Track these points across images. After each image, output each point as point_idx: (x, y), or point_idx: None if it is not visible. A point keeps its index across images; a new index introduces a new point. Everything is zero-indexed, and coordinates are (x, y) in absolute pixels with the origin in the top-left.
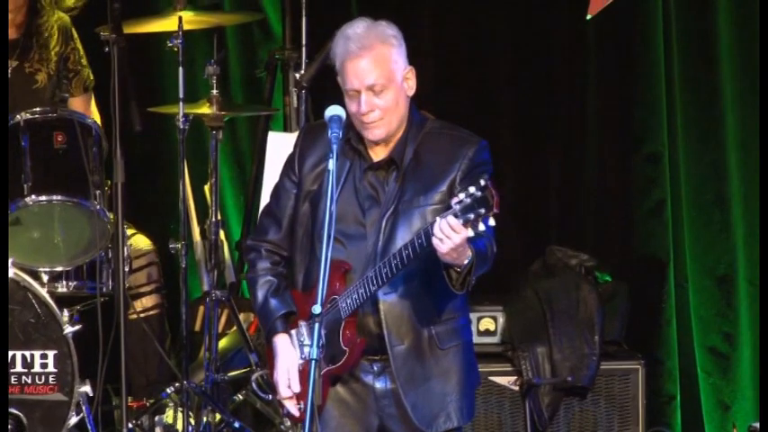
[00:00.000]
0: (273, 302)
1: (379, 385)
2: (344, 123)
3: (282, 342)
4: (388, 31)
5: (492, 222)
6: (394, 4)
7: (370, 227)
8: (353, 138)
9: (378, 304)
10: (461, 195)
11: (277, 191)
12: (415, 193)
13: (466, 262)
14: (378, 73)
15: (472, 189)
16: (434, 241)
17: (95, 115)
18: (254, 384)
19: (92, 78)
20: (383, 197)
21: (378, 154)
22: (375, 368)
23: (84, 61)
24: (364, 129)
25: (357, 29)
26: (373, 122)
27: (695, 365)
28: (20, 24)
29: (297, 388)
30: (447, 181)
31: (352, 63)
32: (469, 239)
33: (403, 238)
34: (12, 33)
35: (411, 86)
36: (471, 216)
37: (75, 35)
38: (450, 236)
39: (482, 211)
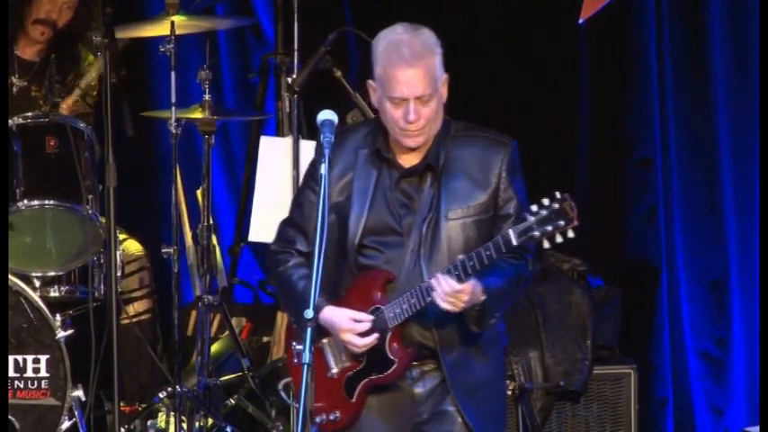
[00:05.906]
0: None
1: (417, 390)
2: (373, 131)
3: (331, 310)
4: (431, 39)
5: (571, 234)
6: (386, 9)
7: (407, 234)
8: (383, 147)
9: (427, 314)
10: (535, 207)
11: (300, 202)
12: (453, 199)
13: (482, 299)
14: (427, 83)
15: (547, 201)
16: (441, 305)
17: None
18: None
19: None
20: (418, 204)
21: (407, 161)
22: (414, 374)
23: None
24: (405, 136)
25: (403, 35)
26: (417, 131)
27: (688, 370)
28: (42, 49)
29: (365, 327)
30: (488, 190)
31: (402, 71)
32: (487, 273)
33: (449, 246)
34: (31, 53)
35: (445, 93)
36: (549, 228)
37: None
38: (456, 304)
39: (561, 223)
